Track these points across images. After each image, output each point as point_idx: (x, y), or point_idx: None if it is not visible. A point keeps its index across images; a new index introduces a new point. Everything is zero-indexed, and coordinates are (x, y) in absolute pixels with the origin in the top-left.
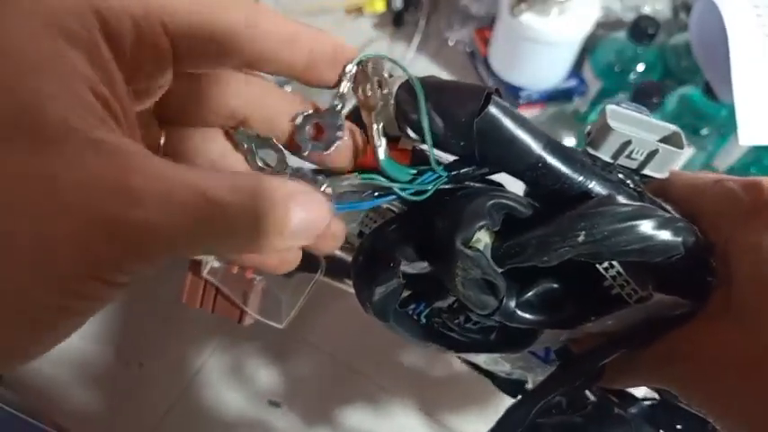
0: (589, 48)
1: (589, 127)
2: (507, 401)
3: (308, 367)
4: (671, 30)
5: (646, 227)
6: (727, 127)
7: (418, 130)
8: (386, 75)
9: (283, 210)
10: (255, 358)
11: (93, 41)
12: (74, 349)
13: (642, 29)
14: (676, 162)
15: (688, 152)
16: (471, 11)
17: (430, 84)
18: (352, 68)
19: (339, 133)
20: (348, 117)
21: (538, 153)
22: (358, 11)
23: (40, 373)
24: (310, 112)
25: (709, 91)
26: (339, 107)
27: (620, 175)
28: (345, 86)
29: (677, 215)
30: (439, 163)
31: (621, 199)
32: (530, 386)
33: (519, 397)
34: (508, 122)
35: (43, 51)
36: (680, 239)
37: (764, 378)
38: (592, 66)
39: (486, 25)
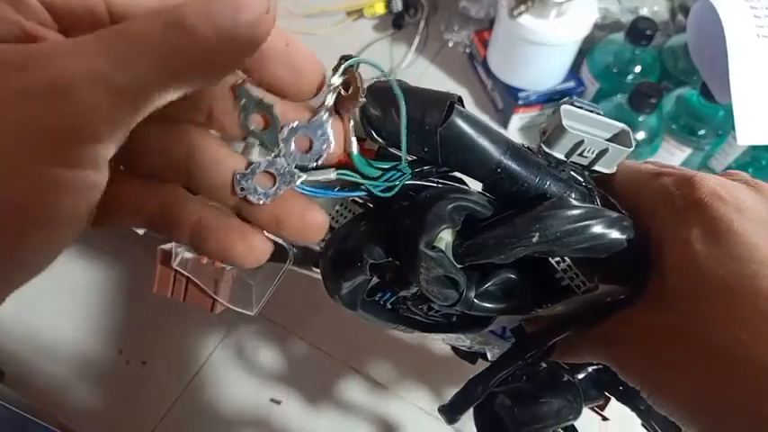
0: (587, 49)
1: (545, 125)
2: None
3: (307, 365)
4: (668, 31)
5: (595, 228)
6: (723, 128)
7: (383, 134)
8: (360, 74)
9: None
10: (256, 357)
11: None
12: (75, 347)
13: (640, 30)
14: (623, 158)
15: (686, 153)
16: (470, 13)
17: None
18: (338, 80)
19: (325, 146)
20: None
21: (497, 159)
22: (358, 13)
23: (42, 372)
24: (295, 124)
25: (706, 92)
26: (325, 117)
27: (573, 173)
28: (331, 99)
29: (622, 212)
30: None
31: (573, 200)
32: (489, 357)
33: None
34: (470, 131)
35: None
36: (624, 237)
37: (693, 359)
38: (590, 67)
39: (485, 27)
